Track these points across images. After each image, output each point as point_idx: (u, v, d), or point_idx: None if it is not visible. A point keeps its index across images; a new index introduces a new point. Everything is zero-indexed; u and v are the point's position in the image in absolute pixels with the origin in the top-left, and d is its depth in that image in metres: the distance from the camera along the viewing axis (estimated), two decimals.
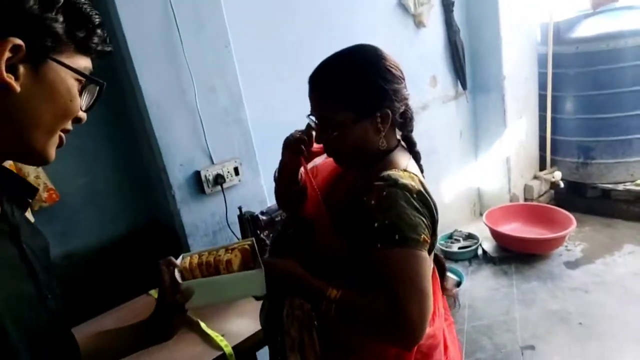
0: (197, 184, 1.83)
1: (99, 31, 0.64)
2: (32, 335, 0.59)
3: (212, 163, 1.86)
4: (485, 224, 3.13)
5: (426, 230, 0.89)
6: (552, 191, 3.67)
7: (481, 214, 3.45)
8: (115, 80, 1.81)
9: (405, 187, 0.90)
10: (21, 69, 0.56)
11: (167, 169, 1.76)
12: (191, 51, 1.73)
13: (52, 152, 0.63)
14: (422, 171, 1.03)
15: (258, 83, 2.06)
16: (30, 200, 0.70)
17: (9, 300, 0.57)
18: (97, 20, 0.64)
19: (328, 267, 0.97)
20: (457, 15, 3.07)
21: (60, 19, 0.59)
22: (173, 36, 1.70)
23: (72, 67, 0.61)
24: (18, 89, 0.56)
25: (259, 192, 2.03)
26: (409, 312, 0.83)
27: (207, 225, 1.90)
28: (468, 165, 3.51)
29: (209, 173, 1.84)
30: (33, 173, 1.65)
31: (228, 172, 1.89)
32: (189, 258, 0.98)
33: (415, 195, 0.90)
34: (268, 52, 2.14)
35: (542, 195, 3.64)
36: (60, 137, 0.64)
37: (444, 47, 3.11)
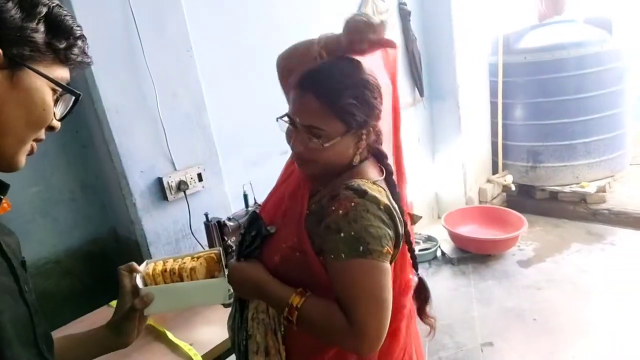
0: (159, 191, 1.79)
1: (79, 43, 0.65)
2: (15, 327, 0.61)
3: (175, 169, 1.83)
4: (444, 227, 3.23)
5: (390, 242, 0.90)
6: (504, 194, 3.84)
7: (439, 217, 3.55)
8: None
9: (374, 200, 0.90)
10: None
11: (127, 175, 1.71)
12: (152, 55, 1.70)
13: (22, 159, 0.64)
14: (394, 186, 1.02)
15: (220, 89, 2.05)
16: (2, 198, 0.68)
17: None
18: (79, 32, 0.66)
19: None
20: (414, 24, 3.17)
21: (42, 29, 0.60)
22: (133, 39, 1.66)
23: (49, 76, 0.62)
24: None
25: (223, 199, 2.01)
26: (368, 324, 0.85)
27: (170, 233, 1.85)
28: (426, 170, 3.61)
29: (171, 179, 1.80)
30: None
31: (191, 178, 1.86)
32: (152, 264, 0.97)
33: (382, 208, 0.90)
34: (230, 57, 2.13)
35: (495, 197, 3.80)
36: (32, 145, 0.65)
37: (402, 55, 3.20)
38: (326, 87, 0.92)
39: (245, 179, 2.14)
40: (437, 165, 3.67)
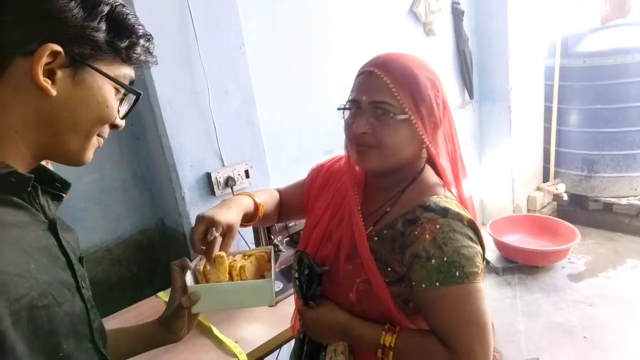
0: (207, 186, 1.81)
1: (142, 42, 0.66)
2: (72, 321, 0.62)
3: (223, 165, 1.84)
4: (489, 234, 3.12)
5: (481, 259, 0.85)
6: (555, 203, 3.67)
7: (484, 224, 3.44)
8: (134, 81, 1.79)
9: (457, 217, 0.85)
10: (59, 74, 0.59)
11: (177, 169, 1.74)
12: (206, 52, 1.71)
13: (89, 154, 0.66)
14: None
15: (267, 86, 2.05)
16: (64, 195, 0.70)
17: (54, 285, 0.60)
18: (141, 31, 0.66)
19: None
20: (467, 24, 3.08)
21: (103, 27, 0.61)
22: (189, 36, 1.68)
23: (110, 75, 0.63)
24: (54, 92, 0.58)
25: None
26: (475, 352, 0.80)
27: None
28: (472, 175, 3.50)
29: (219, 175, 1.81)
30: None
31: (239, 174, 1.87)
32: (204, 260, 0.96)
33: (466, 223, 0.85)
34: (280, 55, 2.13)
35: (545, 207, 3.64)
36: (96, 141, 0.67)
37: (453, 55, 3.12)
38: (396, 65, 0.89)
39: (288, 176, 2.14)
40: (484, 169, 3.56)
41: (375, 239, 0.91)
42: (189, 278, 0.91)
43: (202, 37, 1.70)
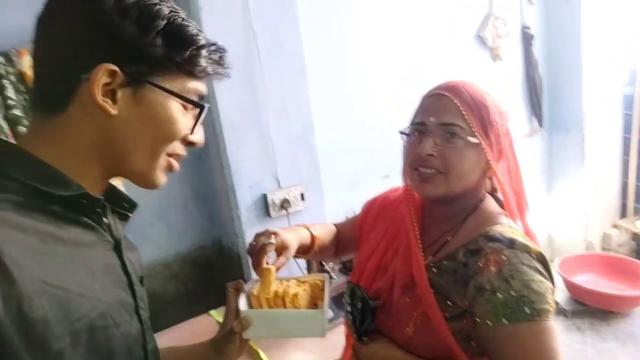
0: (263, 207, 1.82)
1: (204, 52, 0.62)
2: (128, 343, 0.62)
3: (279, 187, 1.85)
4: (558, 273, 2.90)
5: (552, 295, 0.79)
6: (634, 242, 3.36)
7: (552, 261, 3.21)
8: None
9: (525, 248, 0.80)
10: (119, 93, 0.58)
11: (235, 189, 1.77)
12: (268, 74, 1.75)
13: (158, 175, 0.65)
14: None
15: (327, 109, 2.06)
16: (131, 215, 0.72)
17: (114, 307, 0.60)
18: (202, 41, 0.62)
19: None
20: (537, 49, 2.95)
21: (159, 42, 0.59)
22: (252, 58, 1.72)
23: (172, 90, 0.61)
24: (114, 112, 0.58)
25: (322, 220, 1.99)
26: None
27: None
28: (540, 207, 3.30)
29: (275, 197, 1.82)
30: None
31: (294, 197, 1.87)
32: (259, 284, 0.95)
33: (534, 255, 0.79)
34: (338, 78, 2.14)
35: (622, 246, 3.34)
36: (169, 161, 0.65)
37: (521, 81, 2.99)
38: (466, 90, 0.88)
39: (343, 200, 2.12)
40: (553, 202, 3.34)
41: (434, 270, 0.86)
42: (242, 301, 0.90)
43: (265, 58, 1.74)
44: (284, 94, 1.81)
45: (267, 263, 0.92)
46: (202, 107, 0.64)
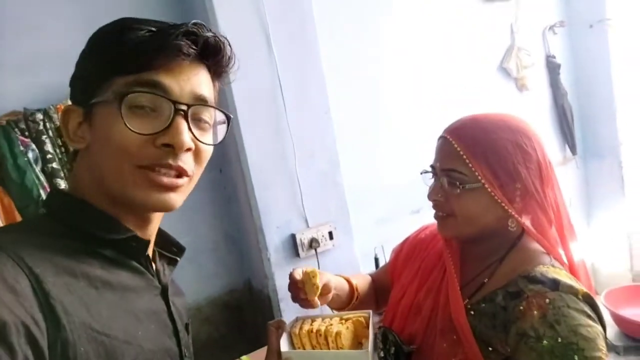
0: (292, 247, 1.82)
1: (127, 47, 0.56)
2: None
3: (308, 226, 1.85)
4: (605, 306, 2.73)
5: (604, 340, 0.74)
6: None
7: (597, 293, 3.04)
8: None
9: (570, 290, 0.75)
10: (83, 126, 0.59)
11: (264, 230, 1.78)
12: (293, 117, 1.79)
13: (138, 194, 0.57)
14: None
15: (352, 146, 2.07)
16: (179, 259, 0.73)
17: (159, 354, 0.60)
18: (133, 34, 0.57)
19: None
20: (565, 77, 2.91)
21: (93, 61, 0.59)
22: (277, 103, 1.77)
23: (102, 100, 0.56)
24: (79, 146, 0.60)
25: (352, 258, 1.97)
26: None
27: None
28: (580, 237, 3.15)
29: (304, 236, 1.82)
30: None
31: (323, 236, 1.86)
32: (300, 322, 0.93)
33: (581, 297, 0.75)
34: (365, 114, 2.16)
35: None
36: (147, 175, 0.57)
37: (550, 110, 2.94)
38: (470, 131, 0.86)
39: (373, 237, 2.09)
40: (594, 232, 3.20)
41: (472, 313, 0.83)
42: (284, 341, 0.88)
43: (290, 103, 1.78)
44: (309, 135, 1.84)
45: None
46: (120, 98, 0.55)
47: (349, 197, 1.96)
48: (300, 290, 0.92)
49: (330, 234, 1.89)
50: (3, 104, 1.50)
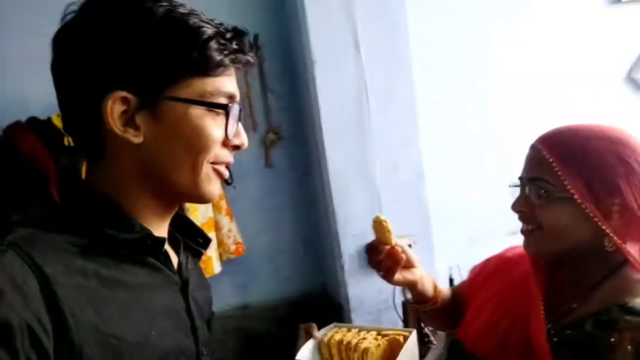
0: (367, 258, 1.78)
1: (213, 43, 0.55)
2: None
3: None
4: None
5: None
6: None
7: None
8: (304, 145, 1.95)
9: None
10: (138, 118, 0.54)
11: (339, 237, 1.76)
12: (378, 125, 1.75)
13: (208, 188, 0.59)
14: None
15: (442, 159, 1.96)
16: (204, 251, 0.71)
17: (173, 354, 0.58)
18: (209, 30, 0.55)
19: None
20: None
21: (163, 51, 0.53)
22: (362, 108, 1.74)
23: (190, 99, 0.55)
24: (137, 140, 0.54)
25: (432, 275, 1.86)
26: None
27: (373, 302, 1.80)
28: None
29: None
30: (226, 226, 1.84)
31: None
32: (334, 331, 0.91)
33: None
34: (456, 127, 2.03)
35: None
36: (216, 170, 0.59)
37: None
38: (563, 138, 0.79)
39: (464, 257, 1.95)
40: None
41: (555, 339, 0.75)
42: (308, 347, 0.86)
43: (375, 110, 1.75)
44: (394, 145, 1.79)
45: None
46: (226, 109, 0.56)
47: (432, 212, 1.86)
48: (376, 252, 0.91)
49: (410, 248, 1.80)
50: None
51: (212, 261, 1.78)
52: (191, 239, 0.68)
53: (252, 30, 2.14)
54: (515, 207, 0.82)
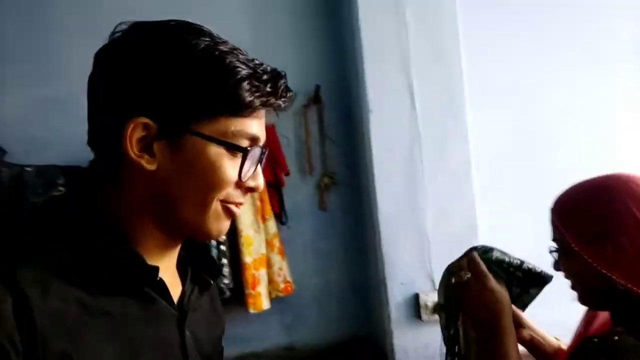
0: (414, 308, 1.74)
1: (245, 85, 0.54)
2: None
3: (434, 288, 1.74)
4: None
5: None
6: None
7: None
8: (358, 191, 1.98)
9: None
10: (155, 146, 0.54)
11: (387, 284, 1.74)
12: (430, 172, 1.75)
13: (215, 225, 0.58)
14: None
15: (498, 210, 1.88)
16: (212, 282, 0.69)
17: None
18: (244, 71, 0.54)
19: None
20: None
21: (194, 86, 0.53)
22: (414, 157, 1.76)
23: (211, 136, 0.54)
24: (151, 167, 0.53)
25: None
26: None
27: (419, 355, 1.74)
28: None
29: (428, 299, 1.72)
30: (277, 264, 1.90)
31: None
32: None
33: None
34: (512, 176, 1.94)
35: None
36: (227, 208, 0.58)
37: None
38: (565, 198, 0.87)
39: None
40: None
41: None
42: None
43: (428, 158, 1.75)
44: (445, 193, 1.77)
45: None
46: (245, 152, 0.56)
47: None
48: None
49: None
50: None
51: (261, 297, 1.83)
52: (201, 267, 0.66)
53: (315, 81, 2.26)
54: (554, 269, 0.89)
